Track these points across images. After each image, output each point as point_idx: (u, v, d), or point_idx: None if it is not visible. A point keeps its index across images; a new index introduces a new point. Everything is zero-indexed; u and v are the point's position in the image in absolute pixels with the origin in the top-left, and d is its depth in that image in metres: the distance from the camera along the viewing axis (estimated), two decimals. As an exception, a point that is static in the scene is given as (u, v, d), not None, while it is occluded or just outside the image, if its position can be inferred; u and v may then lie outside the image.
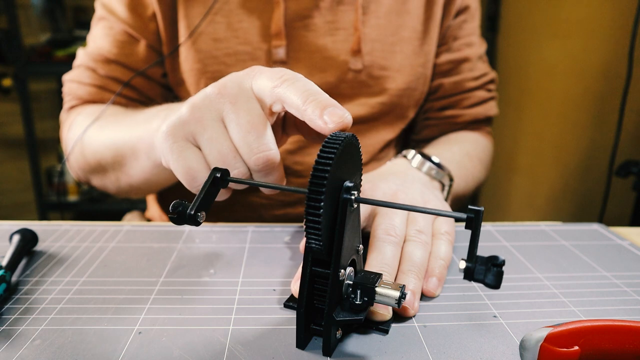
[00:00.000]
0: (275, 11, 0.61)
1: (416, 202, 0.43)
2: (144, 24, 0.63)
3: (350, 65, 0.63)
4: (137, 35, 0.63)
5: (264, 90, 0.37)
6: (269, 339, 0.32)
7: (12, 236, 0.43)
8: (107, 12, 0.65)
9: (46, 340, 0.31)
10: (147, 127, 0.48)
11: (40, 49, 1.79)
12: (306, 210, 0.28)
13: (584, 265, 0.43)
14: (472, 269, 0.25)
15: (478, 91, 0.71)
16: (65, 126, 0.66)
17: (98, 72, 0.64)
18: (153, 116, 0.49)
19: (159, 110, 0.49)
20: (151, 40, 0.64)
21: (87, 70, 0.65)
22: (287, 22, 0.62)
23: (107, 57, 0.64)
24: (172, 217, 0.31)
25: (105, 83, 0.65)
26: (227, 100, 0.37)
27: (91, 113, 0.62)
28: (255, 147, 0.37)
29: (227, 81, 0.39)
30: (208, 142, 0.37)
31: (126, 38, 0.64)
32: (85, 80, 0.65)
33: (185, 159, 0.38)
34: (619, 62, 1.03)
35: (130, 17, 0.63)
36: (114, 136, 0.55)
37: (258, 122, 0.37)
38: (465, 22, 0.70)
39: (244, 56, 0.62)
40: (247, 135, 0.37)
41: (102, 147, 0.58)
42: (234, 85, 0.38)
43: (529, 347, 0.27)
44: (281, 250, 0.45)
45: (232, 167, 0.37)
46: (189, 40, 0.62)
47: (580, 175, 1.28)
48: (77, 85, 0.66)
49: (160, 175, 0.52)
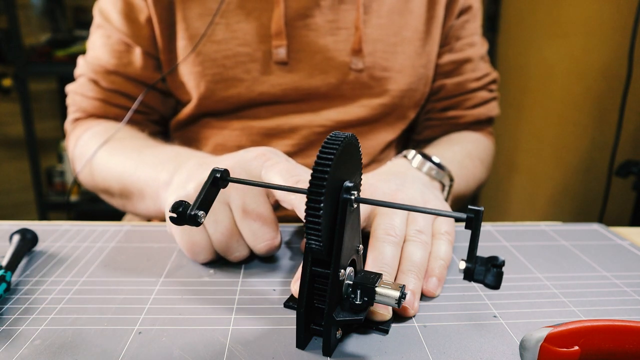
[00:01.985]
0: (275, 10, 0.60)
1: (416, 202, 0.43)
2: (138, 30, 0.63)
3: (351, 65, 0.63)
4: (131, 43, 0.63)
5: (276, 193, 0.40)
6: (269, 339, 0.32)
7: (12, 236, 0.43)
8: (103, 20, 0.65)
9: (46, 340, 0.31)
10: (155, 175, 0.49)
11: (40, 49, 1.79)
12: (306, 211, 0.28)
13: (584, 265, 0.43)
14: (472, 270, 0.25)
15: (480, 92, 0.71)
16: (71, 140, 0.67)
17: (100, 84, 0.65)
18: (162, 163, 0.50)
19: (169, 159, 0.50)
20: (146, 47, 0.64)
21: (90, 82, 0.65)
22: (287, 22, 0.61)
23: (107, 68, 0.64)
24: (172, 217, 0.31)
25: (108, 96, 0.65)
26: (233, 188, 0.39)
27: (98, 133, 0.62)
28: (260, 236, 0.39)
29: (235, 166, 0.40)
30: (214, 224, 0.39)
31: (123, 47, 0.64)
32: (88, 93, 0.66)
33: (189, 235, 0.40)
34: (619, 62, 1.03)
35: (125, 25, 0.63)
36: (122, 170, 0.56)
37: (263, 211, 0.39)
38: (468, 22, 0.69)
39: (244, 57, 0.62)
40: (252, 224, 0.39)
41: (109, 177, 0.59)
42: (242, 172, 0.40)
43: (529, 347, 0.27)
44: (281, 250, 0.45)
45: (234, 250, 0.40)
46: (187, 42, 0.62)
47: (581, 175, 1.28)
48: (81, 98, 0.66)
49: None
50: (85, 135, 0.64)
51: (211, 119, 0.66)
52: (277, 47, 0.61)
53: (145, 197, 0.52)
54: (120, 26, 0.63)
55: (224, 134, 0.65)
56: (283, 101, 0.64)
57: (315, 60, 0.62)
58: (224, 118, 0.65)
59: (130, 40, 0.63)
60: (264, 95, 0.63)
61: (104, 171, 0.59)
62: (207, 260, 0.41)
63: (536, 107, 1.49)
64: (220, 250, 0.40)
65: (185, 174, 0.43)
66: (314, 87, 0.63)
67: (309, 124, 0.64)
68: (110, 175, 0.58)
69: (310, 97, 0.64)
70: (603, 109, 1.19)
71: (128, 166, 0.55)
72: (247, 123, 0.64)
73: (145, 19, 0.62)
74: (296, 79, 0.62)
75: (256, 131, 0.64)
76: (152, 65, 0.65)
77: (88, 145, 0.62)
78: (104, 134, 0.61)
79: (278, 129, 0.64)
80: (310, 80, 0.63)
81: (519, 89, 1.57)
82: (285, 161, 0.41)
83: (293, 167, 0.40)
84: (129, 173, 0.54)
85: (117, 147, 0.59)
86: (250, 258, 0.43)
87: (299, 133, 0.64)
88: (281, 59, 0.62)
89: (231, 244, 0.40)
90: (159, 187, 0.48)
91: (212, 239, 0.40)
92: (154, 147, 0.56)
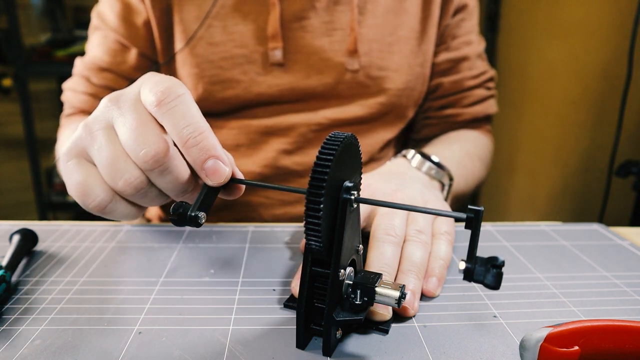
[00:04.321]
0: (271, 13, 0.61)
1: (416, 202, 0.43)
2: (135, 32, 0.64)
3: (347, 65, 0.63)
4: (128, 44, 0.64)
5: (146, 103, 0.35)
6: (269, 339, 0.32)
7: (12, 236, 0.43)
8: (101, 22, 0.66)
9: (46, 340, 0.31)
10: None
11: (40, 49, 1.79)
12: (306, 211, 0.28)
13: (584, 265, 0.43)
14: (472, 270, 0.25)
15: (477, 89, 0.71)
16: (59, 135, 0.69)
17: (92, 80, 0.66)
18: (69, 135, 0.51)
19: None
20: (143, 48, 0.64)
21: (82, 79, 0.67)
22: (283, 24, 0.62)
23: (100, 65, 0.65)
24: (173, 218, 0.31)
25: (98, 92, 0.66)
26: (114, 106, 0.35)
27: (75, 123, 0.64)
28: (141, 142, 0.33)
29: (119, 91, 0.37)
30: (98, 151, 0.34)
31: (118, 47, 0.65)
32: (79, 88, 0.67)
33: (76, 173, 0.35)
34: (619, 62, 1.03)
35: (122, 26, 0.64)
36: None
37: (145, 120, 0.34)
38: (464, 21, 0.70)
39: (241, 59, 0.62)
40: (133, 133, 0.33)
41: None
42: (123, 92, 0.36)
43: (529, 347, 0.27)
44: (281, 250, 0.45)
45: (123, 172, 0.34)
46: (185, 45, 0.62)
47: (580, 175, 1.28)
48: (72, 94, 0.67)
49: None
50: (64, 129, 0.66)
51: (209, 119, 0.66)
52: (273, 49, 0.61)
53: None
54: (118, 28, 0.64)
55: (221, 133, 0.65)
56: (280, 101, 0.64)
57: (312, 61, 0.63)
58: (222, 118, 0.66)
59: (127, 41, 0.64)
60: (261, 96, 0.63)
61: None
62: (104, 202, 0.35)
63: (536, 107, 1.49)
64: (109, 178, 0.34)
65: None
66: (310, 88, 0.63)
67: (307, 122, 0.64)
68: None
69: (307, 97, 0.64)
70: (603, 109, 1.19)
71: None
72: (245, 122, 0.65)
73: (143, 22, 0.63)
74: (293, 80, 0.63)
75: (254, 130, 0.64)
76: (146, 66, 0.65)
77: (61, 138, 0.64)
78: None
79: (275, 127, 0.64)
80: (307, 80, 0.63)
81: (519, 89, 1.57)
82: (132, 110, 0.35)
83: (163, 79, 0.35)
84: None
85: None
86: (250, 258, 0.43)
87: (296, 131, 0.64)
88: (277, 61, 0.62)
89: (118, 166, 0.34)
90: None
91: (100, 170, 0.34)
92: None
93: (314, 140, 0.65)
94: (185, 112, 0.34)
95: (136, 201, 0.36)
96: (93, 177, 0.34)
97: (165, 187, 0.35)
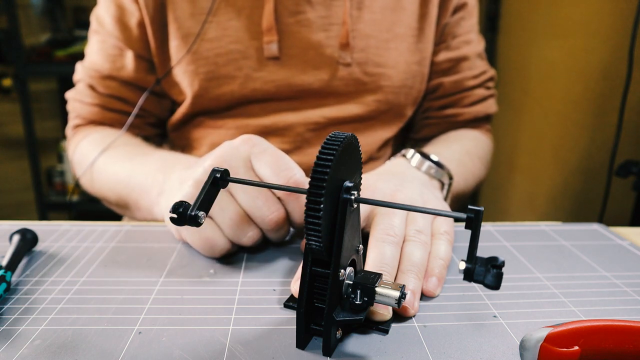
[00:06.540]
0: (265, 6, 0.61)
1: (415, 202, 0.43)
2: (130, 34, 0.64)
3: (339, 59, 0.63)
4: (123, 47, 0.64)
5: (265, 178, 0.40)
6: (269, 339, 0.32)
7: (12, 236, 0.43)
8: (99, 25, 0.66)
9: (46, 340, 0.31)
10: (147, 188, 0.51)
11: (40, 49, 1.79)
12: (306, 211, 0.28)
13: (584, 265, 0.43)
14: (472, 270, 0.25)
15: (478, 89, 0.71)
16: (71, 146, 0.69)
17: (97, 90, 0.66)
18: (153, 174, 0.51)
19: (157, 170, 0.51)
20: (138, 49, 0.65)
21: (87, 88, 0.67)
22: (278, 18, 0.61)
23: (102, 72, 0.66)
24: (172, 218, 0.31)
25: (105, 102, 0.67)
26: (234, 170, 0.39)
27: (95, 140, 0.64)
28: (266, 210, 0.40)
29: (223, 153, 0.41)
30: (220, 212, 0.40)
31: (117, 52, 0.65)
32: (86, 99, 0.67)
33: (200, 232, 0.40)
34: (619, 62, 1.03)
35: (117, 29, 0.64)
36: (116, 181, 0.58)
37: (262, 190, 0.40)
38: (463, 20, 0.69)
39: (236, 55, 0.62)
40: (255, 201, 0.40)
41: (105, 188, 0.61)
42: (232, 157, 0.41)
43: (529, 347, 0.27)
44: (281, 250, 0.45)
45: (246, 232, 0.40)
46: (180, 42, 0.62)
47: (580, 175, 1.28)
48: (80, 105, 0.68)
49: None
50: (83, 142, 0.66)
51: (206, 119, 0.66)
52: (268, 42, 0.61)
53: (141, 209, 0.54)
54: (113, 30, 0.64)
55: (219, 133, 0.65)
56: (277, 98, 0.64)
57: (308, 56, 0.63)
58: (219, 117, 0.66)
59: (123, 43, 0.64)
60: (257, 92, 0.63)
61: (101, 181, 0.62)
62: (224, 251, 0.41)
63: (536, 107, 1.49)
64: (233, 237, 0.41)
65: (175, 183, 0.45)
66: (306, 84, 0.63)
67: (304, 121, 0.64)
68: (106, 186, 0.60)
69: (304, 93, 0.64)
70: (603, 109, 1.19)
71: (122, 177, 0.57)
72: (242, 122, 0.65)
73: (137, 22, 0.63)
74: (289, 75, 0.63)
75: (251, 129, 0.64)
76: (144, 67, 0.66)
77: (86, 153, 0.64)
78: (101, 141, 0.63)
79: (273, 126, 0.64)
80: (303, 76, 0.63)
81: (519, 89, 1.57)
82: (271, 148, 0.42)
83: (282, 159, 0.41)
84: (123, 185, 0.56)
85: (112, 156, 0.61)
86: (250, 258, 0.43)
87: (294, 130, 0.64)
88: (273, 54, 0.62)
89: (242, 226, 0.40)
90: (152, 201, 0.50)
91: (222, 228, 0.40)
92: (143, 156, 0.58)
93: (312, 139, 0.65)
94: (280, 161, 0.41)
95: None
96: (217, 233, 0.40)
97: (273, 237, 0.43)
